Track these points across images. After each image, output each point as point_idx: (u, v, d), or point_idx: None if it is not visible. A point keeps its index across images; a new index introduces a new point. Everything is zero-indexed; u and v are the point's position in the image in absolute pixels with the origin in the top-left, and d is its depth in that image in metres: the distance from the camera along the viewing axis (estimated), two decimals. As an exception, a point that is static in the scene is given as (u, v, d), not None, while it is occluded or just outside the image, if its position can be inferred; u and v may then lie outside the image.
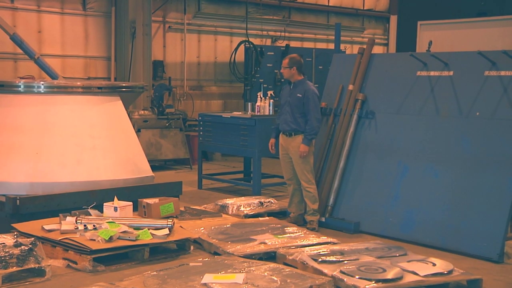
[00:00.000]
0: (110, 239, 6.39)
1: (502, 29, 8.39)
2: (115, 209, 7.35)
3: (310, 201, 8.10)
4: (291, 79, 8.23)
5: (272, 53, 15.54)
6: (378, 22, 19.77)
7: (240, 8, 16.17)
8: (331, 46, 15.85)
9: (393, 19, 9.34)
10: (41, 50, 12.62)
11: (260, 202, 8.84)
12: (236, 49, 15.51)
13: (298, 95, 8.07)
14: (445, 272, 5.97)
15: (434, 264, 6.12)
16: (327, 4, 18.33)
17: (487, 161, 7.14)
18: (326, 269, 5.98)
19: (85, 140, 8.34)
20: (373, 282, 5.63)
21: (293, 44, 16.80)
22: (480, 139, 7.30)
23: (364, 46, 8.77)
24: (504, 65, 7.39)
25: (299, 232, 7.43)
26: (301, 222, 8.27)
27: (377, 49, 17.58)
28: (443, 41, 8.54)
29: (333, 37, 9.78)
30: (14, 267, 5.80)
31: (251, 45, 15.23)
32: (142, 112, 12.98)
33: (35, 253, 5.96)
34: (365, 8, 19.36)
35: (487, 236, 6.91)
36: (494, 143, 7.23)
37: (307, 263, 6.17)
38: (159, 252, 6.75)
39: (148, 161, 9.21)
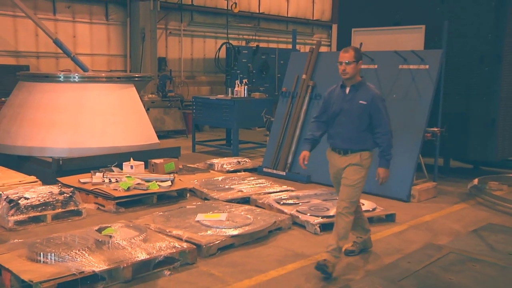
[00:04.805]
0: (128, 189, 6.42)
1: (411, 35, 8.44)
2: (131, 167, 7.37)
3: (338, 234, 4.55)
4: (352, 80, 4.69)
5: (246, 52, 15.46)
6: (323, 29, 19.70)
7: (222, 18, 15.99)
8: (290, 46, 15.85)
9: (334, 27, 9.34)
10: (75, 50, 12.47)
11: (238, 161, 8.89)
12: (219, 48, 15.45)
13: (361, 102, 4.59)
14: (370, 210, 6.11)
15: (363, 204, 6.17)
16: (286, 16, 18.23)
17: (402, 128, 7.20)
18: (286, 209, 6.07)
19: (108, 116, 8.28)
20: (320, 217, 5.74)
21: (262, 45, 16.68)
22: (396, 114, 7.33)
23: (313, 47, 8.77)
24: (412, 61, 7.48)
25: (266, 183, 7.47)
26: (370, 245, 5.09)
27: (323, 49, 17.53)
28: (370, 43, 8.56)
29: (291, 40, 9.76)
30: (59, 209, 5.85)
31: (231, 46, 15.12)
32: (150, 95, 12.88)
33: (74, 199, 5.99)
34: (314, 19, 19.28)
35: (400, 182, 7.03)
36: (406, 117, 7.32)
37: (272, 205, 6.25)
38: (164, 198, 6.79)
39: (155, 132, 9.19)
